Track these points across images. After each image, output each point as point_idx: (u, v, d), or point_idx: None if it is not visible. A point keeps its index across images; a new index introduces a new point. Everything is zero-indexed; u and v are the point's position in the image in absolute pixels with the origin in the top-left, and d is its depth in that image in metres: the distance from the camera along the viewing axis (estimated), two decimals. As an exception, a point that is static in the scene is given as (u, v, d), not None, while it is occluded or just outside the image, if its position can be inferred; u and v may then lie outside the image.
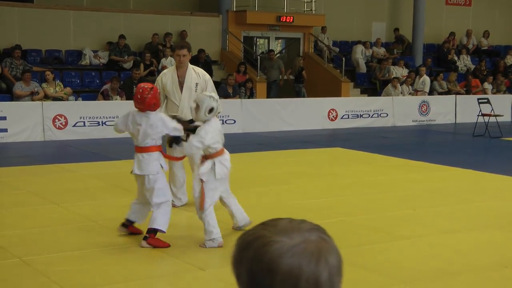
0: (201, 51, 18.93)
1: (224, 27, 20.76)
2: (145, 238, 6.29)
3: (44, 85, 15.67)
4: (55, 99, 15.47)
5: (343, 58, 21.00)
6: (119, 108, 15.53)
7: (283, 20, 21.04)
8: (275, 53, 21.06)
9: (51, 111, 14.74)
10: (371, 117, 18.76)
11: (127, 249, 6.30)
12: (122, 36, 18.44)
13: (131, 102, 16.02)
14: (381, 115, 18.91)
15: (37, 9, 18.59)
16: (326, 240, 1.61)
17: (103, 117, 15.32)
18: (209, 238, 6.32)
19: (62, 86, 15.97)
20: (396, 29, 23.71)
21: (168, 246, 6.26)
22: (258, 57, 20.44)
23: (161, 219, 6.30)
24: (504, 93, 21.90)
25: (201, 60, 18.88)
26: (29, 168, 10.81)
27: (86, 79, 18.04)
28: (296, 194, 9.03)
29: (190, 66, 7.97)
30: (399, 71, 21.29)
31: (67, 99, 15.74)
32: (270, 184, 9.73)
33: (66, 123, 14.84)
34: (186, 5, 21.56)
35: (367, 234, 6.98)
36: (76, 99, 16.13)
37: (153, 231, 6.27)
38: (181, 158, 7.51)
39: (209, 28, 20.76)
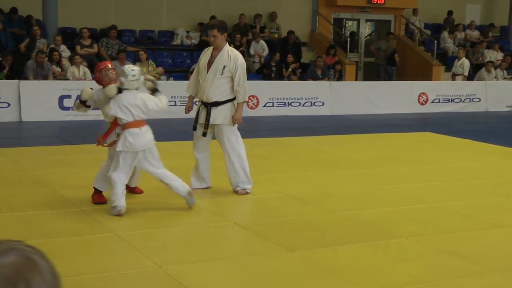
0: (290, 32, 18.95)
1: (314, 9, 20.69)
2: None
3: (137, 64, 16.02)
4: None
5: (435, 41, 20.61)
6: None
7: (374, 2, 20.80)
8: (365, 36, 20.85)
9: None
10: (463, 101, 18.39)
11: (217, 228, 6.43)
12: (213, 17, 18.60)
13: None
14: (474, 100, 18.51)
15: (132, -10, 19.01)
16: (30, 260, 1.36)
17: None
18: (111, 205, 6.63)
19: (154, 65, 16.31)
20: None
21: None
22: (348, 39, 20.30)
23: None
24: None
25: (291, 42, 18.90)
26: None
27: (177, 59, 18.35)
28: (383, 178, 8.98)
29: (227, 48, 7.60)
30: (494, 55, 20.74)
31: (159, 79, 16.05)
32: (357, 168, 9.71)
33: (158, 102, 15.10)
34: (277, -14, 21.60)
35: (459, 221, 6.89)
36: (167, 79, 16.44)
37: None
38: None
39: (299, 9, 20.72)
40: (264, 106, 16.27)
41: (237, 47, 17.94)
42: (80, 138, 11.63)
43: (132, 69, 6.75)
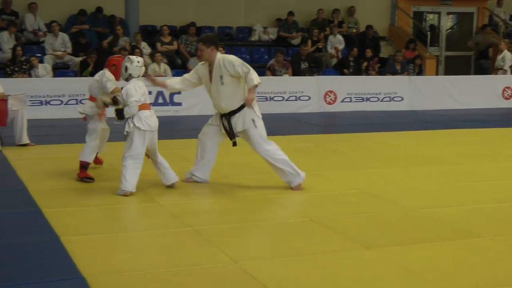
0: (369, 27, 18.78)
1: (393, 2, 20.43)
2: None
3: (216, 60, 16.15)
4: (226, 74, 15.91)
5: (521, 33, 20.07)
6: (287, 83, 15.78)
7: (456, -6, 20.39)
8: (446, 29, 20.46)
9: (222, 86, 15.18)
10: (549, 96, 17.84)
11: (293, 224, 6.42)
12: (291, 13, 18.63)
13: (299, 78, 16.21)
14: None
15: (211, -13, 19.19)
16: None
17: (271, 92, 15.59)
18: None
19: (232, 61, 16.39)
20: None
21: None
22: (428, 32, 19.95)
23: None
24: None
25: (369, 37, 18.72)
26: (195, 142, 11.20)
27: (255, 55, 18.41)
28: (465, 175, 8.79)
29: (218, 58, 7.59)
30: None
31: (237, 74, 16.14)
32: (438, 164, 9.53)
33: (236, 98, 15.22)
34: (355, -20, 21.41)
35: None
36: (245, 75, 16.49)
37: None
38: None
39: (378, 3, 20.51)
40: (342, 101, 16.16)
41: (314, 42, 17.91)
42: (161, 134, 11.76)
43: (137, 58, 7.59)
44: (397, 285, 4.85)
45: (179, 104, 14.82)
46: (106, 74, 8.27)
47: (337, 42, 18.28)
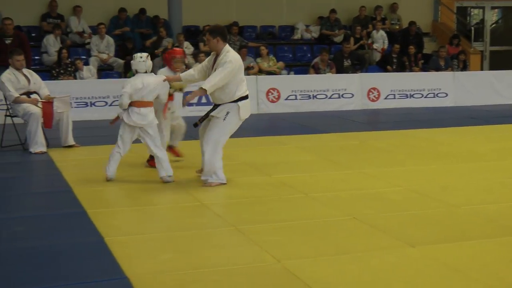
0: (412, 23, 18.62)
1: (437, -2, 20.23)
2: None
3: (258, 59, 16.22)
4: (269, 73, 15.96)
5: None
6: (330, 81, 15.73)
7: (501, -12, 20.10)
8: (491, 23, 20.17)
9: (264, 84, 15.24)
10: None
11: (336, 222, 6.40)
12: (333, 11, 18.57)
13: (342, 76, 16.20)
14: None
15: (253, -13, 19.23)
16: None
17: (314, 90, 15.56)
18: None
19: (275, 60, 16.43)
20: None
21: None
22: (472, 28, 19.70)
23: None
24: None
25: (412, 33, 18.55)
26: (244, 140, 11.26)
27: (298, 53, 18.40)
28: (510, 171, 8.66)
29: (224, 51, 7.68)
30: None
31: (280, 73, 16.17)
32: (482, 160, 9.42)
33: (279, 96, 15.27)
34: (397, -24, 21.23)
35: None
36: (288, 73, 16.52)
37: None
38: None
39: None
40: (386, 98, 16.05)
41: (357, 40, 17.82)
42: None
43: (140, 54, 8.09)
44: (441, 283, 4.80)
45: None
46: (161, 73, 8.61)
47: (379, 38, 18.16)
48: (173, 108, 8.87)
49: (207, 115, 7.89)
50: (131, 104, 7.87)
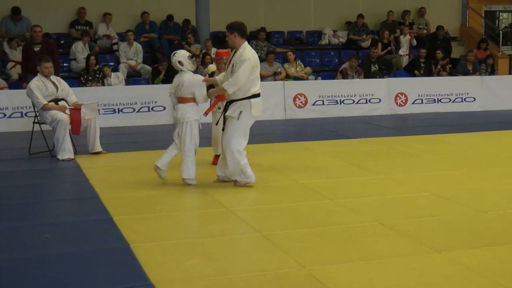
0: (439, 27, 18.52)
1: (464, 2, 20.10)
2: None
3: (286, 65, 16.23)
4: (296, 78, 15.96)
5: None
6: (357, 86, 15.69)
7: (529, -8, 19.91)
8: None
9: (292, 90, 15.24)
10: None
11: (362, 227, 6.37)
12: (360, 16, 18.53)
13: (370, 81, 16.16)
14: None
15: (281, -8, 19.25)
16: None
17: (341, 95, 15.52)
18: None
19: (302, 65, 16.42)
20: None
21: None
22: (501, 32, 19.53)
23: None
24: None
25: (440, 37, 18.45)
26: (271, 146, 11.28)
27: (325, 59, 18.37)
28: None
29: (242, 48, 7.86)
30: None
31: (307, 79, 16.16)
32: (510, 165, 9.33)
33: (306, 101, 15.26)
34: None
35: None
36: (315, 78, 16.50)
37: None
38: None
39: (449, 3, 20.20)
40: (413, 103, 15.96)
41: (384, 45, 17.75)
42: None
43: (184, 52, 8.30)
44: (467, 290, 4.77)
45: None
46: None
47: (406, 42, 18.06)
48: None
49: (223, 116, 8.07)
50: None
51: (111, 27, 17.06)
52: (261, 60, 16.41)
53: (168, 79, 15.15)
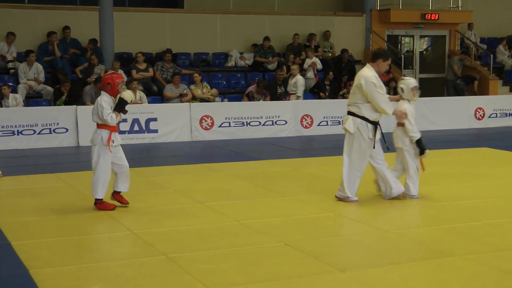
0: (344, 51, 18.91)
1: (368, 26, 20.60)
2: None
3: (192, 87, 16.19)
4: (202, 100, 15.94)
5: (491, 55, 20.29)
6: (263, 108, 15.79)
7: (428, 18, 20.61)
8: (420, 51, 20.67)
9: (198, 112, 15.20)
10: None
11: (267, 248, 6.38)
12: (266, 38, 18.71)
13: (276, 103, 16.20)
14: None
15: (186, 14, 19.25)
16: None
17: (248, 117, 15.59)
18: None
19: (209, 87, 16.42)
20: None
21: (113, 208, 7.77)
22: (403, 56, 20.12)
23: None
24: None
25: (344, 60, 18.84)
26: (177, 168, 11.19)
27: (232, 81, 18.44)
28: (440, 195, 8.81)
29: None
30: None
31: (214, 100, 16.16)
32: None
33: (213, 123, 15.24)
34: (329, 5, 21.55)
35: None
36: (222, 100, 16.52)
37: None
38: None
39: (353, 27, 20.67)
40: (319, 125, 16.17)
41: (289, 68, 17.95)
42: (137, 161, 11.72)
43: None
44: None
45: (155, 131, 14.76)
46: (102, 99, 7.86)
47: (310, 67, 18.29)
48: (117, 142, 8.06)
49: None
50: None
51: (13, 46, 16.57)
52: (167, 81, 16.39)
53: (70, 101, 14.87)
